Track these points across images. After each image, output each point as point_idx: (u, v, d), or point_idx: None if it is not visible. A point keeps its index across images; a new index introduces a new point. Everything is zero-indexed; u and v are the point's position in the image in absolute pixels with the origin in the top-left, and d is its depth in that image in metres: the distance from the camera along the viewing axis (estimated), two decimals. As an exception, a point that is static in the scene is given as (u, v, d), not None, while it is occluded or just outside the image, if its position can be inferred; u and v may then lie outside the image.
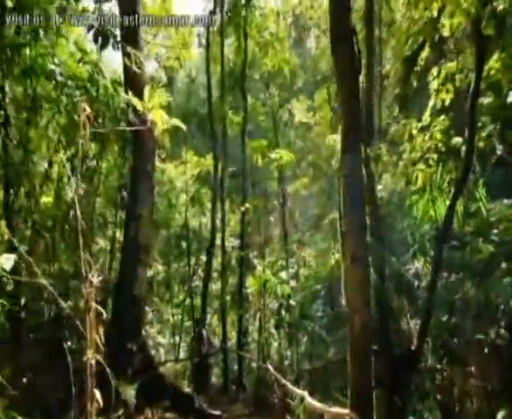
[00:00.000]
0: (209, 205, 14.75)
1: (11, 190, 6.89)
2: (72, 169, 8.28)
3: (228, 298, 14.73)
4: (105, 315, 4.75)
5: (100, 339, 4.65)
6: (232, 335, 15.52)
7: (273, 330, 13.21)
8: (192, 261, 14.59)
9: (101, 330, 4.70)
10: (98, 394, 4.56)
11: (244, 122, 13.64)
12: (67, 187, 7.73)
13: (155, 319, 15.47)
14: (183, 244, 13.94)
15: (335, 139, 8.63)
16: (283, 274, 11.99)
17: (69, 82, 6.95)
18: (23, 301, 6.68)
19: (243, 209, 12.48)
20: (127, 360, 7.05)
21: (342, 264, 4.74)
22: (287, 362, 12.07)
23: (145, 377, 7.09)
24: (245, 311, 14.12)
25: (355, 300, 4.17)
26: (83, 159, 8.19)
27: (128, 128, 9.04)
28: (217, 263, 15.74)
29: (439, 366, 6.60)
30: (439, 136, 6.72)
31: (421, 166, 6.80)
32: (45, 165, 8.04)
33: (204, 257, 14.69)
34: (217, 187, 13.73)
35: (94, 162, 8.84)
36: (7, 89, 6.81)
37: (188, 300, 14.07)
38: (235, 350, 12.61)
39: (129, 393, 6.57)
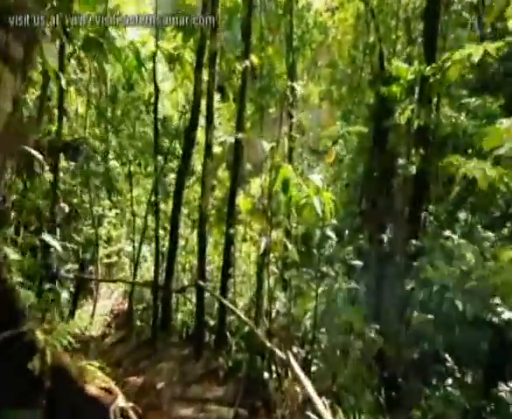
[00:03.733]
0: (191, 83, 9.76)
1: None
2: None
3: (213, 212, 10.21)
4: None
5: None
6: (215, 259, 11.17)
7: (275, 268, 8.68)
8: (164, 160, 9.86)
9: None
10: None
11: None
12: None
13: (118, 219, 11.38)
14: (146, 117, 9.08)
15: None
16: (316, 178, 5.55)
17: None
18: None
19: (247, 62, 7.38)
20: None
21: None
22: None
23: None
24: (235, 233, 9.52)
25: None
26: None
27: None
28: (199, 162, 11.04)
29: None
30: None
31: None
32: None
33: (179, 151, 10.01)
34: (207, 38, 8.58)
35: None
36: None
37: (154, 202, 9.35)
38: (218, 296, 8.12)
39: None
